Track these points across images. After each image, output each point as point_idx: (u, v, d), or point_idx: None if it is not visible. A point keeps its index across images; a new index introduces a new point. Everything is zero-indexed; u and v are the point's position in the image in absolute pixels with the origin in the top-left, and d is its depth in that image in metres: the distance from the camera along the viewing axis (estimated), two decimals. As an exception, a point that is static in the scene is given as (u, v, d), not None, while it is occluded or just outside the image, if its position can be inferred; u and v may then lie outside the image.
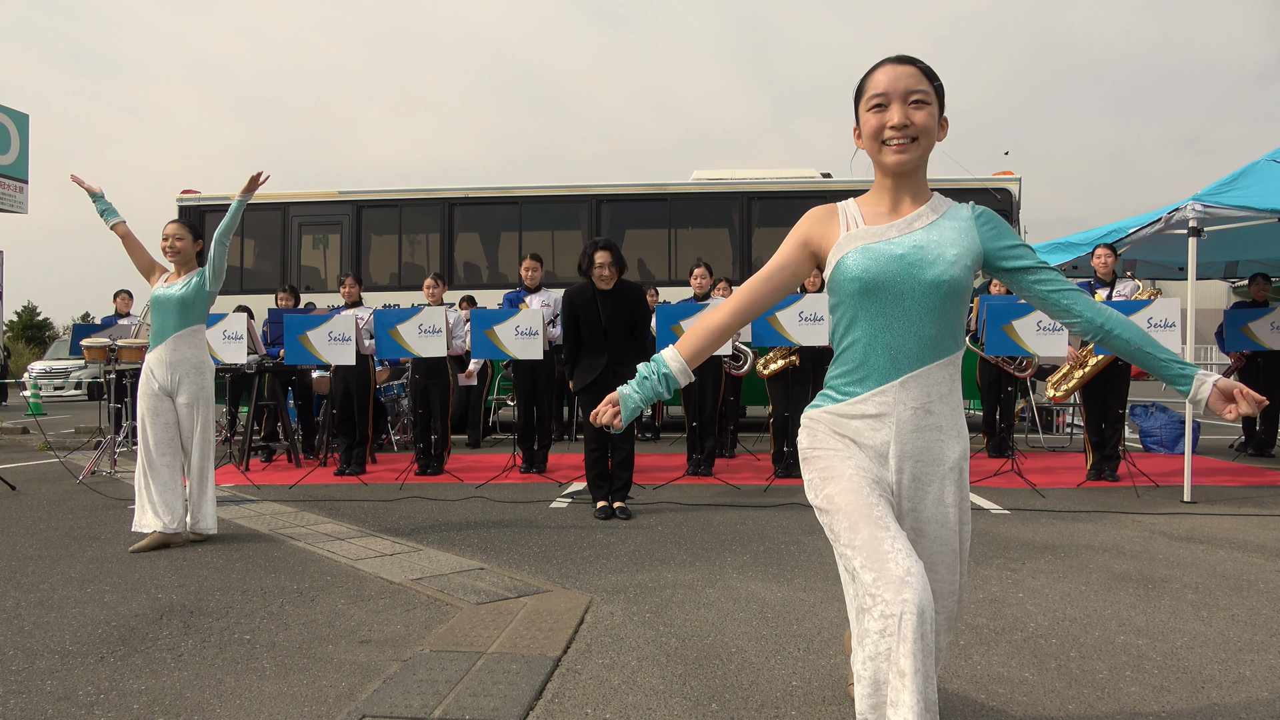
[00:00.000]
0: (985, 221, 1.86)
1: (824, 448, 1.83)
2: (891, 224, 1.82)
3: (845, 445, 1.82)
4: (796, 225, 1.92)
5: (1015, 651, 2.76)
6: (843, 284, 1.81)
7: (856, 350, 1.81)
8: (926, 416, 1.79)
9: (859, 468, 1.77)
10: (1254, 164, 6.09)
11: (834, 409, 1.84)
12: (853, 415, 1.81)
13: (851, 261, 1.79)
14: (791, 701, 2.39)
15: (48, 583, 3.71)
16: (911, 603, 1.54)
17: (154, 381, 4.46)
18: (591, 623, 3.09)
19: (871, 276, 1.77)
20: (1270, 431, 7.86)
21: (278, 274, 10.90)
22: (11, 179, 12.67)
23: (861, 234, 1.82)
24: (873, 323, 1.79)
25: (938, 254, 1.77)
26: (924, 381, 1.78)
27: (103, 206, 4.62)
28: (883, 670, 1.56)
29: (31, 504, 5.74)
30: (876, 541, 1.63)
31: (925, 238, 1.79)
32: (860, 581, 1.62)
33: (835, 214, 1.89)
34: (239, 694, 2.47)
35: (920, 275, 1.76)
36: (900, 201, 1.85)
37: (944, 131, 1.86)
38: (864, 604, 1.61)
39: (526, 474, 6.88)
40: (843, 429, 1.82)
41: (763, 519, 4.99)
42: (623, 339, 5.18)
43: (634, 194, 10.73)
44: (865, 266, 1.77)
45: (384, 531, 4.74)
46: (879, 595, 1.57)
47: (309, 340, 6.52)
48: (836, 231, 1.85)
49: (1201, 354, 22.57)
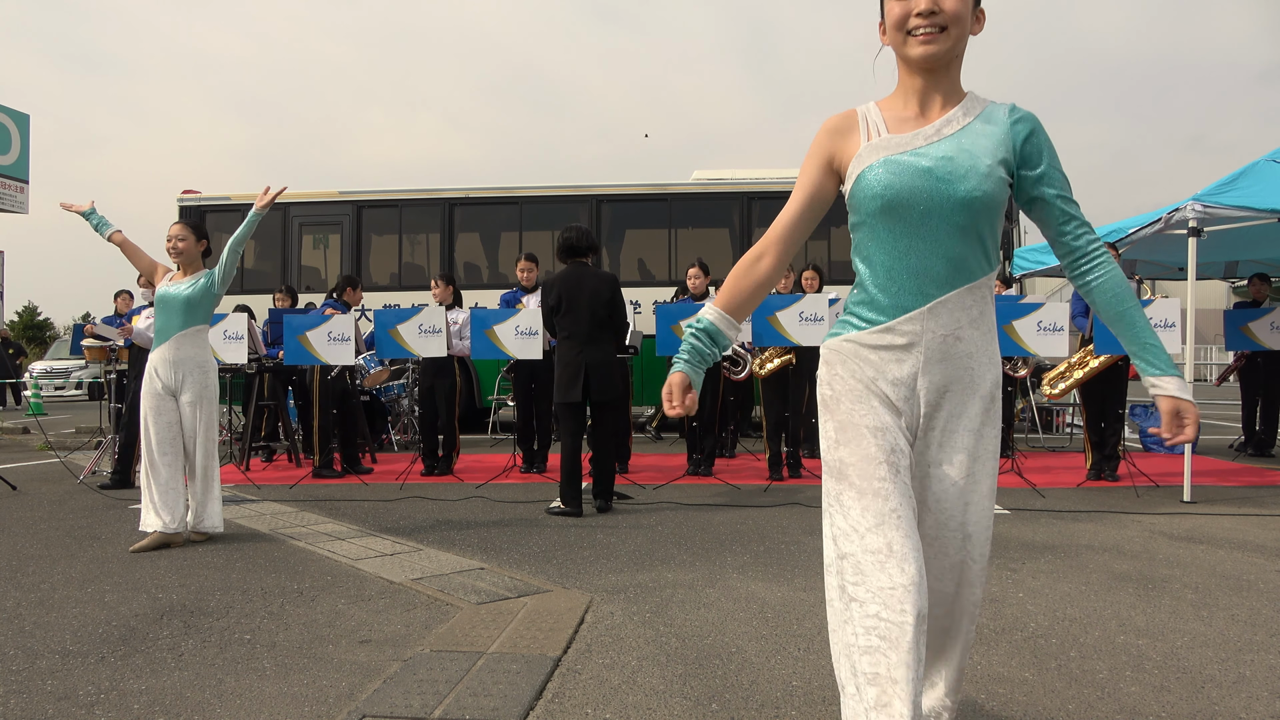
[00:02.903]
0: (1024, 130, 1.67)
1: (845, 395, 1.68)
2: (918, 131, 1.64)
3: (866, 394, 1.67)
4: (814, 141, 1.72)
5: (1015, 651, 2.76)
6: (863, 201, 1.64)
7: (878, 273, 1.66)
8: (956, 344, 1.65)
9: (879, 429, 1.63)
10: (1254, 164, 6.10)
11: (856, 337, 1.69)
12: (877, 345, 1.66)
13: (873, 177, 1.62)
14: (791, 701, 2.39)
15: (48, 583, 3.71)
16: (910, 614, 1.51)
17: (157, 381, 4.47)
18: (592, 623, 3.10)
19: (894, 194, 1.60)
20: (1270, 431, 7.85)
21: (278, 274, 10.90)
22: (11, 179, 12.67)
23: (884, 144, 1.64)
24: (896, 243, 1.63)
25: (969, 166, 1.59)
26: (953, 307, 1.64)
27: (96, 221, 4.66)
28: (868, 663, 1.54)
29: (32, 504, 5.74)
30: (885, 534, 1.56)
31: (955, 146, 1.61)
32: (858, 568, 1.58)
33: (854, 122, 1.69)
34: (239, 694, 2.47)
35: (949, 191, 1.59)
36: (929, 103, 1.66)
37: (980, 25, 1.68)
38: (856, 593, 1.58)
39: (526, 474, 6.88)
40: (865, 362, 1.68)
41: (763, 519, 5.00)
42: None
43: (634, 194, 10.73)
44: (887, 183, 1.60)
45: (384, 531, 4.74)
46: (879, 597, 1.54)
47: (309, 340, 6.52)
48: (856, 141, 1.67)
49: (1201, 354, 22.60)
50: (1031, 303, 6.29)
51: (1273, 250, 8.38)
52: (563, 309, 5.25)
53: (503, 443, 9.28)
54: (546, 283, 5.35)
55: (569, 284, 5.25)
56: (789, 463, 6.51)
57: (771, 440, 6.43)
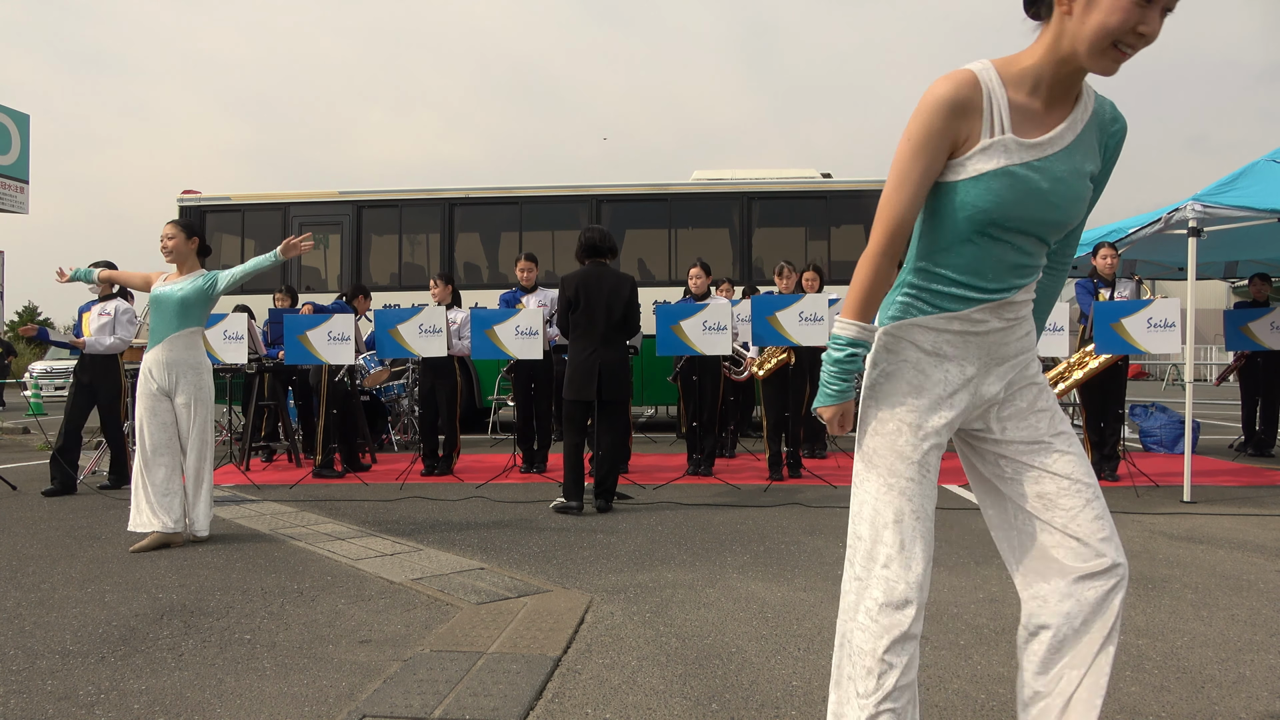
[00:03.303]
0: (1118, 138, 1.59)
1: (895, 381, 1.62)
2: (1043, 138, 1.48)
3: (917, 389, 1.61)
4: (928, 120, 1.48)
5: (1015, 651, 2.76)
6: (961, 205, 1.52)
7: (954, 268, 1.57)
8: (1019, 324, 1.63)
9: (920, 430, 1.60)
10: (1254, 164, 6.10)
11: (922, 321, 1.60)
12: (941, 329, 1.60)
13: (985, 187, 1.48)
14: (791, 701, 2.39)
15: (48, 583, 3.71)
16: (917, 635, 1.58)
17: (152, 382, 4.47)
18: (592, 623, 3.10)
19: (1000, 210, 1.49)
20: (1270, 431, 7.85)
21: (278, 274, 10.89)
22: (11, 179, 12.67)
23: (1006, 146, 1.47)
24: (983, 247, 1.54)
25: (1077, 193, 1.51)
26: (1024, 294, 1.61)
27: (82, 275, 4.82)
28: (877, 665, 1.58)
29: (32, 504, 5.74)
30: (908, 547, 1.58)
31: (1069, 165, 1.50)
32: (878, 573, 1.59)
33: (977, 102, 1.47)
34: (239, 694, 2.47)
35: (1054, 217, 1.52)
36: (1058, 99, 1.50)
37: None
38: (886, 597, 1.59)
39: (526, 474, 6.88)
40: (924, 346, 1.61)
41: (763, 519, 5.00)
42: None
43: (634, 194, 10.73)
44: (1001, 198, 1.48)
45: (384, 531, 4.74)
46: (895, 603, 1.57)
47: (309, 340, 6.52)
48: (977, 132, 1.48)
49: (1201, 354, 22.60)
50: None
51: (1273, 250, 8.38)
52: (580, 306, 5.28)
53: (503, 443, 9.28)
54: (566, 278, 5.38)
55: (588, 282, 5.28)
56: (789, 463, 6.50)
57: (771, 440, 6.43)
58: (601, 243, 5.40)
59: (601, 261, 5.40)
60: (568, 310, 5.34)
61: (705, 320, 6.11)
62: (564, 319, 5.40)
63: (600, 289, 5.27)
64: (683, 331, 6.12)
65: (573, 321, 5.33)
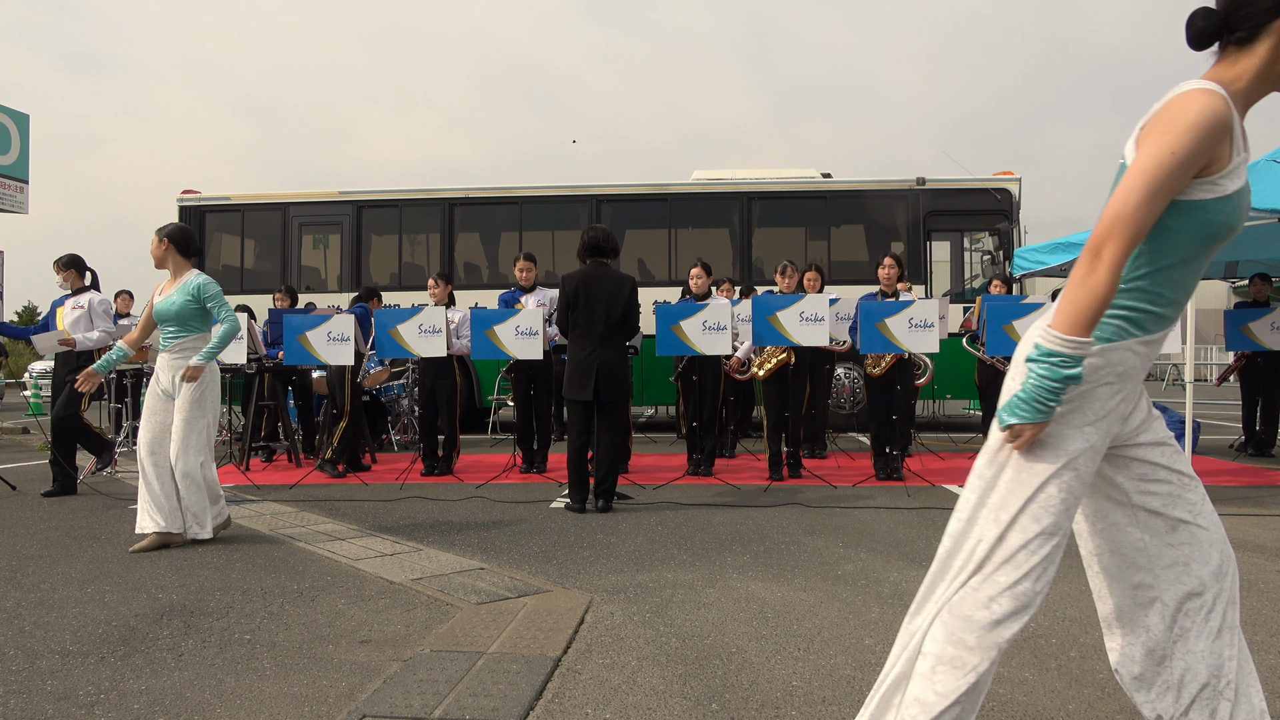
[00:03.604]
0: None
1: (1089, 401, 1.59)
2: (1248, 154, 1.53)
3: (1102, 414, 1.60)
4: (1206, 133, 1.45)
5: (1015, 651, 2.76)
6: (1210, 221, 1.50)
7: (1171, 286, 1.57)
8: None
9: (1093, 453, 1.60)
10: (1254, 164, 6.09)
11: (1133, 345, 1.59)
12: (1141, 351, 1.60)
13: (1235, 205, 1.50)
14: (791, 701, 2.39)
15: (48, 583, 3.71)
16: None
17: (160, 383, 4.52)
18: (592, 623, 3.10)
19: (1230, 226, 1.51)
20: (1270, 431, 7.85)
21: (278, 274, 10.90)
22: (11, 179, 12.67)
23: (1243, 166, 1.50)
24: (1189, 263, 1.55)
25: (1248, 199, 1.54)
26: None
27: (110, 364, 4.62)
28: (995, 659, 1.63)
29: (31, 504, 5.74)
30: (1051, 559, 1.60)
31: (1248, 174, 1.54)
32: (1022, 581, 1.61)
33: (1229, 124, 1.47)
34: (239, 694, 2.47)
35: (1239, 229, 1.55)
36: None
37: None
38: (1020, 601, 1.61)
39: (526, 474, 6.88)
40: (1120, 368, 1.60)
41: (763, 519, 5.00)
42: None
43: (634, 194, 10.73)
44: (1242, 215, 1.50)
45: (384, 531, 4.74)
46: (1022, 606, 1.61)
47: (308, 340, 6.52)
48: (1228, 152, 1.49)
49: (1201, 354, 22.59)
50: (1033, 303, 6.30)
51: (1273, 250, 8.37)
52: (579, 305, 5.28)
53: (503, 443, 9.28)
54: (567, 277, 5.39)
55: (588, 282, 5.29)
56: (789, 463, 6.50)
57: (771, 440, 6.43)
58: (604, 243, 5.41)
59: (603, 261, 5.41)
60: (567, 309, 5.35)
61: (705, 320, 6.11)
62: (564, 318, 5.41)
63: (600, 289, 5.28)
64: (683, 331, 6.12)
65: (572, 321, 5.34)
